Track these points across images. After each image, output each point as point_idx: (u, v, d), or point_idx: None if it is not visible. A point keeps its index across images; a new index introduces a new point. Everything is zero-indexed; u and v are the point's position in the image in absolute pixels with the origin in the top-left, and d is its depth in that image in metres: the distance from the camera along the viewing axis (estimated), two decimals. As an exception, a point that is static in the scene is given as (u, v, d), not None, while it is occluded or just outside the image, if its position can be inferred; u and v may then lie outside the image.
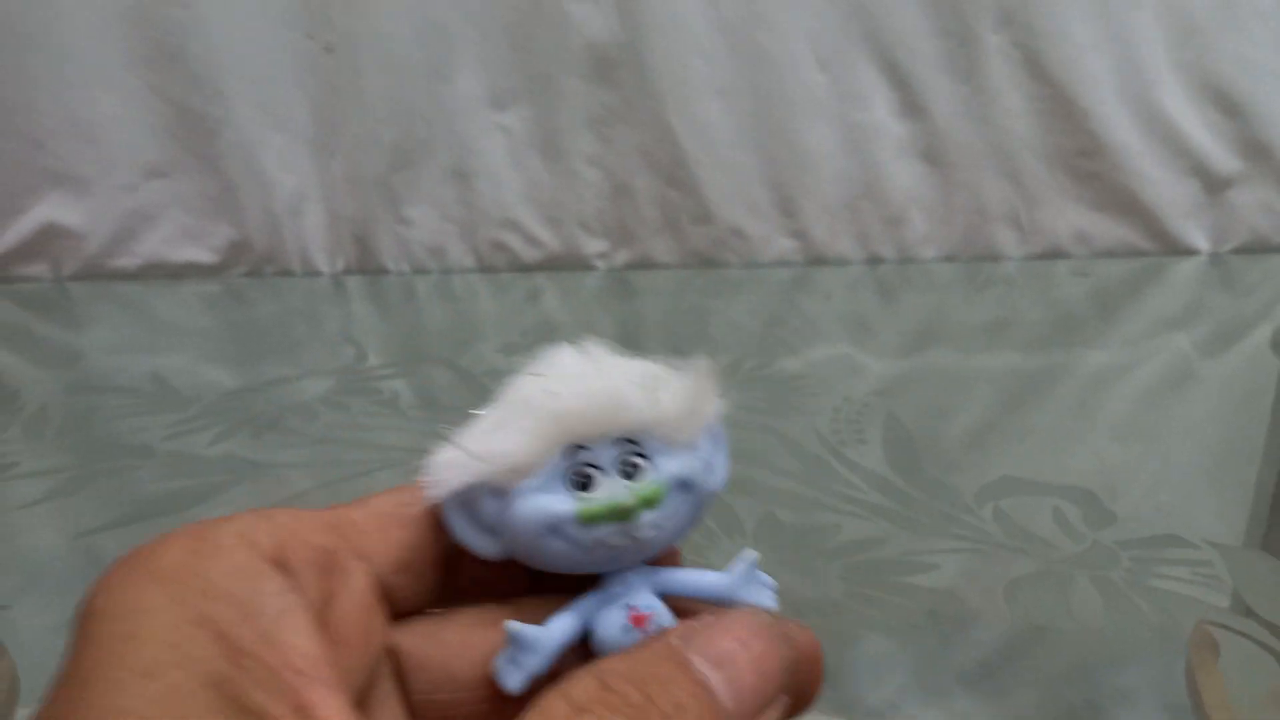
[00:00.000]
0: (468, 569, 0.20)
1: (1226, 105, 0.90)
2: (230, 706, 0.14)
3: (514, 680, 0.18)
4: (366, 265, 0.97)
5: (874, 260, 0.95)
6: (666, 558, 0.20)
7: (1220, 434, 0.63)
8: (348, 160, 0.95)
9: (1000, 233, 0.94)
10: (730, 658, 0.17)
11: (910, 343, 0.80)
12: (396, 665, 0.19)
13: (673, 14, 0.89)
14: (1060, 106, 0.91)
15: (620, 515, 0.18)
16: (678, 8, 0.89)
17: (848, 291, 0.93)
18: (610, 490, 0.19)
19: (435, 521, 0.19)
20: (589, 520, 0.18)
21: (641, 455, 0.19)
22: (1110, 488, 0.53)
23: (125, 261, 0.97)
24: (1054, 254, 0.94)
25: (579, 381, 0.19)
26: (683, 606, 0.20)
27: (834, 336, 0.82)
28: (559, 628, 0.19)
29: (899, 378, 0.72)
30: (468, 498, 0.19)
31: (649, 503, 0.19)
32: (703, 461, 0.20)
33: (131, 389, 0.71)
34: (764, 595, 0.20)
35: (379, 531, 0.19)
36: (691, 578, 0.20)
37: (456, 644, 0.19)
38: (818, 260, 0.95)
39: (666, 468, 0.19)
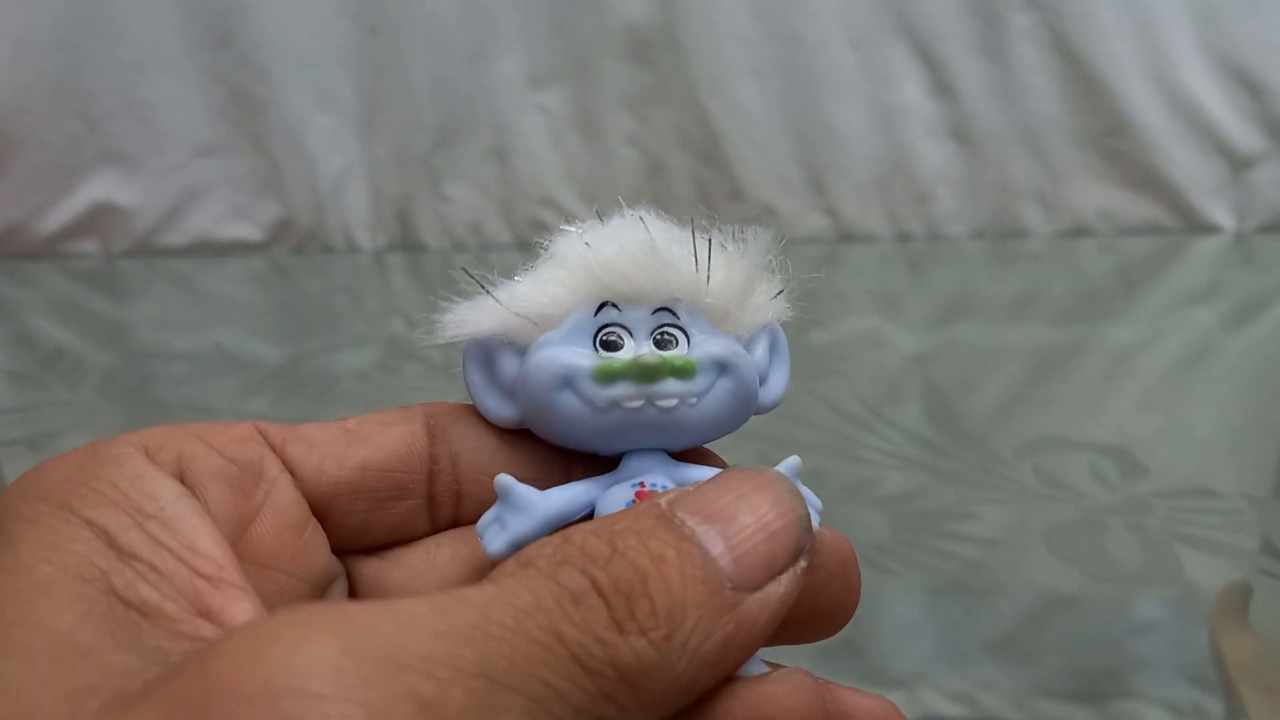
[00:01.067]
0: (455, 501, 0.18)
1: (1250, 85, 0.91)
2: (110, 600, 0.13)
3: (497, 543, 0.16)
4: (408, 241, 1.00)
5: (903, 237, 0.97)
6: (695, 455, 0.18)
7: (1245, 403, 0.65)
8: (391, 139, 0.97)
9: (1027, 210, 0.95)
10: (727, 513, 0.14)
11: (940, 317, 0.82)
12: (354, 592, 0.18)
13: (709, -3, 0.91)
14: (1086, 86, 0.92)
15: (643, 374, 0.16)
16: (714, -9, 0.91)
17: (878, 267, 0.95)
18: (637, 352, 0.16)
19: (414, 446, 0.17)
20: (605, 376, 0.16)
21: (681, 329, 0.17)
22: (1142, 448, 0.54)
23: (174, 238, 0.99)
24: (1080, 231, 0.96)
25: (619, 236, 0.17)
26: None
27: (865, 311, 0.84)
28: (559, 497, 0.17)
29: (929, 351, 0.74)
30: (487, 352, 0.17)
31: (678, 372, 0.16)
32: (755, 361, 0.18)
33: (190, 357, 0.74)
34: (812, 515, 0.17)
35: (329, 447, 0.17)
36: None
37: (419, 563, 0.18)
38: (848, 237, 0.97)
39: (705, 346, 0.17)
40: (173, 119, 0.95)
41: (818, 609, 0.17)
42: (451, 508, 0.18)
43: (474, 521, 0.17)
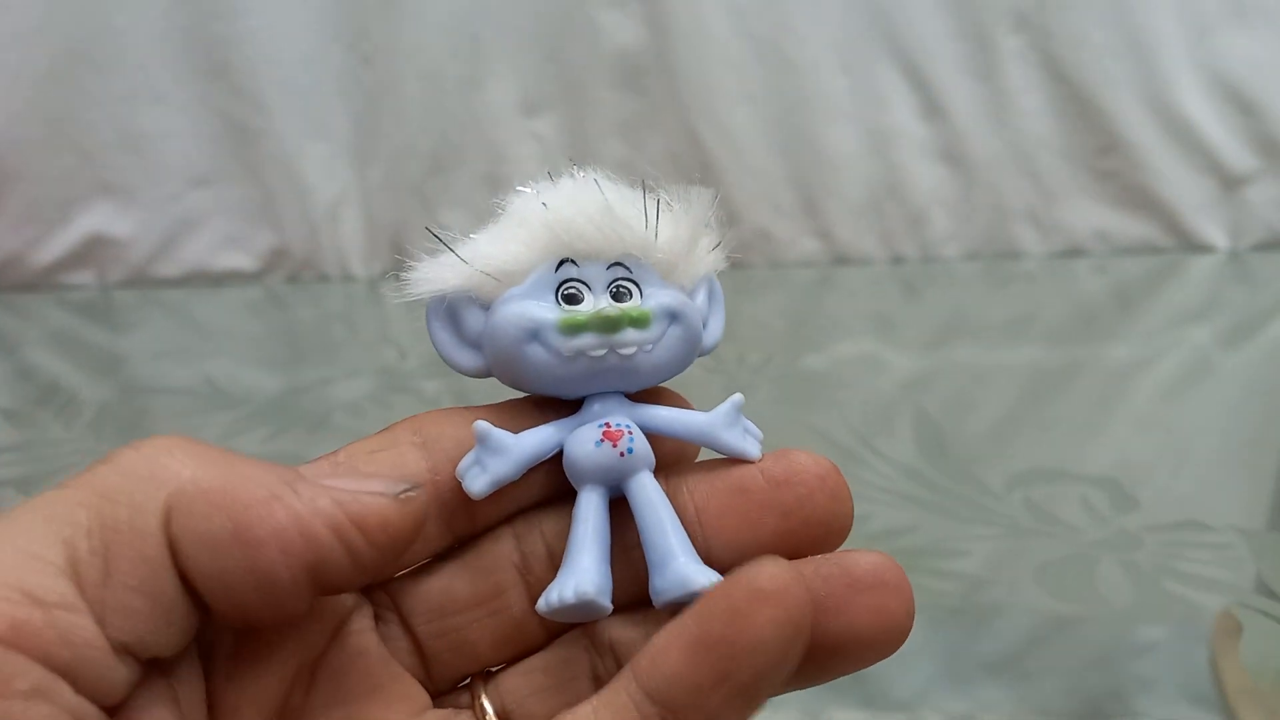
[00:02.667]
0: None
1: (1242, 104, 0.91)
2: None
3: (479, 483, 0.17)
4: (401, 269, 1.00)
5: (897, 259, 0.97)
6: (652, 395, 0.20)
7: (1240, 425, 0.64)
8: (384, 167, 0.97)
9: (1021, 230, 0.95)
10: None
11: (934, 339, 0.82)
12: (395, 605, 0.19)
13: (700, 23, 0.91)
14: (1078, 106, 0.92)
15: (604, 325, 0.18)
16: (704, 17, 0.91)
17: (872, 289, 0.95)
18: (596, 305, 0.18)
19: (404, 468, 0.18)
20: (570, 328, 0.17)
21: (634, 283, 0.19)
22: (1134, 477, 0.54)
23: (169, 268, 1.00)
24: (1074, 251, 0.96)
25: (575, 196, 0.19)
26: (663, 446, 0.19)
27: (859, 333, 0.84)
28: (531, 438, 0.18)
29: (924, 373, 0.74)
30: (452, 307, 0.19)
31: (635, 321, 0.18)
32: (698, 309, 0.19)
33: (184, 390, 0.74)
34: (748, 442, 0.19)
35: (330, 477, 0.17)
36: (673, 414, 0.19)
37: (451, 565, 0.19)
38: (842, 260, 0.97)
39: (657, 297, 0.18)
40: (167, 150, 0.96)
41: (809, 524, 0.18)
42: (464, 512, 0.18)
43: (492, 524, 0.18)
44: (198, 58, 0.94)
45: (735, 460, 0.19)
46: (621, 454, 0.18)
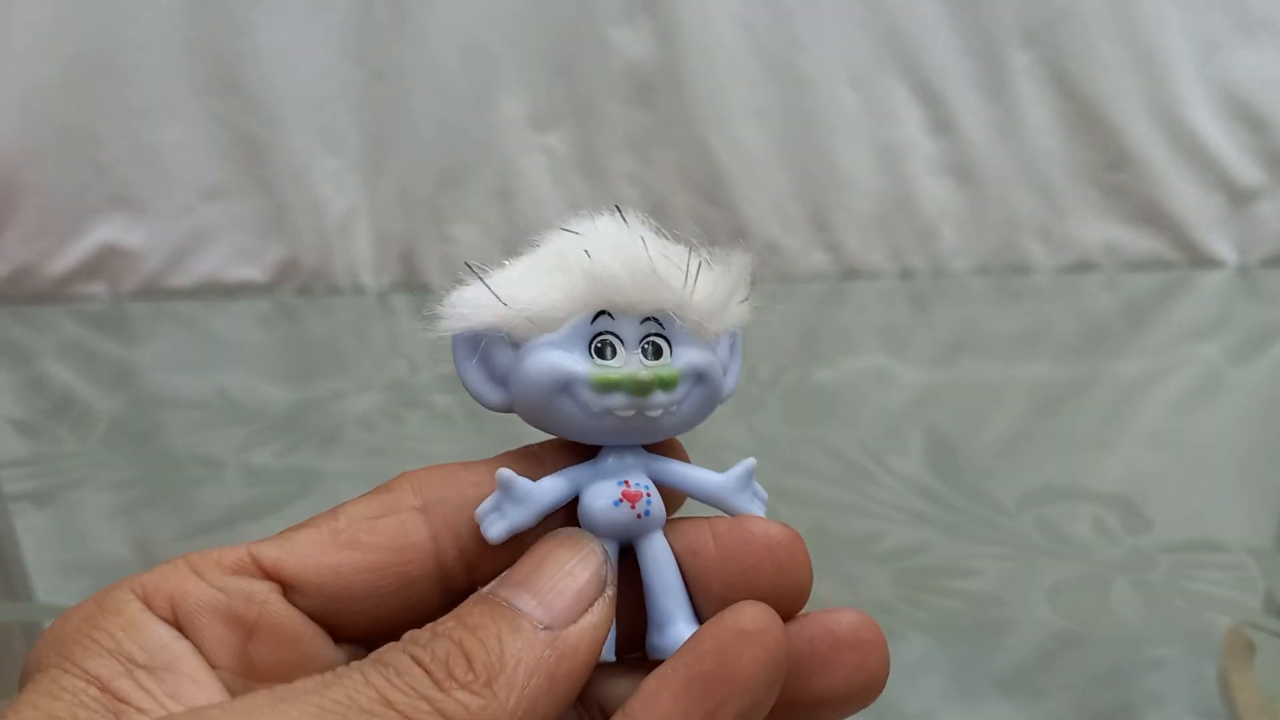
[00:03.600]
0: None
1: (1251, 119, 0.91)
2: None
3: (496, 529, 0.18)
4: (413, 282, 1.01)
5: (906, 273, 0.97)
6: (666, 448, 0.20)
7: (1251, 441, 0.64)
8: (395, 181, 0.98)
9: (1030, 245, 0.96)
10: (535, 573, 0.17)
11: (944, 353, 0.82)
12: None
13: (710, 38, 0.92)
14: (1087, 121, 0.92)
15: (635, 389, 0.18)
16: (715, 32, 0.92)
17: (881, 304, 0.95)
18: (628, 363, 0.18)
19: (406, 537, 0.18)
20: (603, 386, 0.18)
21: (665, 339, 0.19)
22: (1145, 494, 0.54)
23: (181, 280, 1.00)
24: (1084, 265, 0.96)
25: (619, 248, 0.18)
26: (672, 498, 0.19)
27: (869, 348, 0.84)
28: (550, 487, 0.18)
29: (935, 388, 0.74)
30: (482, 342, 0.19)
31: (665, 384, 0.18)
32: (720, 362, 0.19)
33: (196, 404, 0.74)
34: (754, 505, 0.19)
35: (320, 557, 0.18)
36: (688, 471, 0.19)
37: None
38: (851, 274, 0.98)
39: (686, 356, 0.18)
40: (179, 163, 0.96)
41: (754, 595, 0.18)
42: (464, 576, 0.19)
43: (486, 582, 0.18)
44: (211, 71, 0.94)
45: (698, 520, 0.19)
46: (639, 515, 0.18)
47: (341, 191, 0.98)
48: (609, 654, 0.18)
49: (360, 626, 0.18)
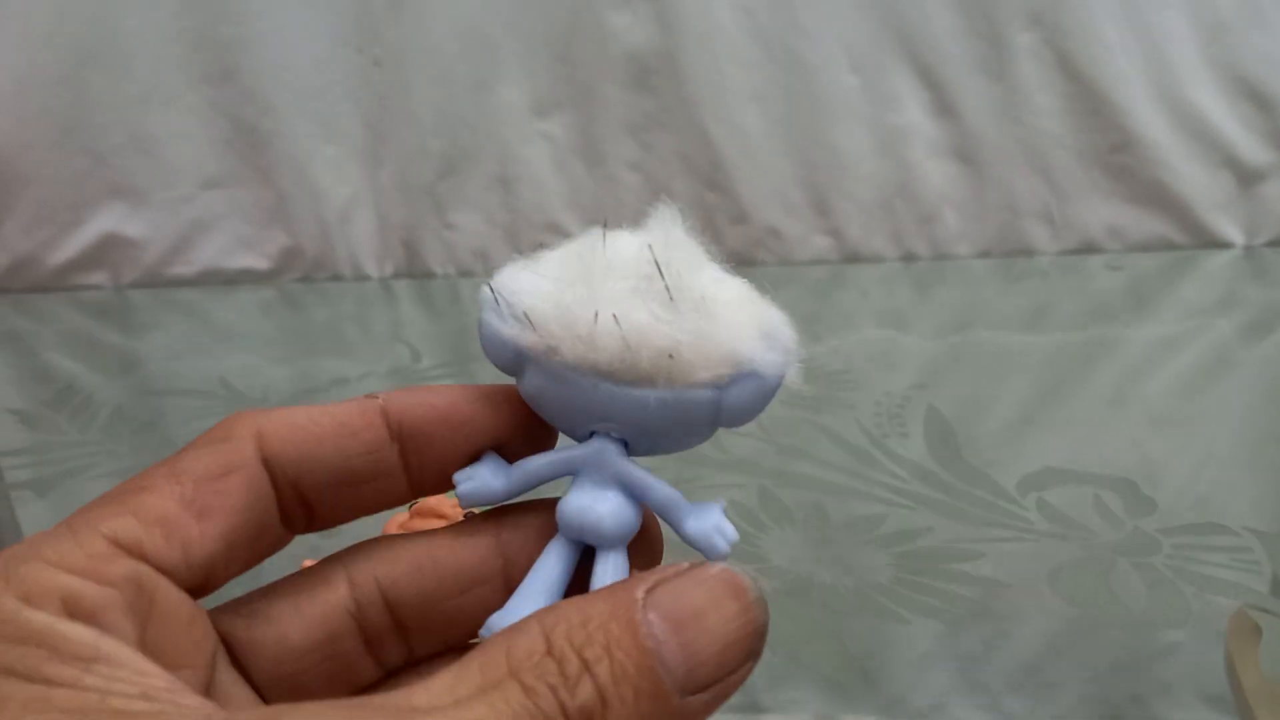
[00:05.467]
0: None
1: (1257, 99, 0.91)
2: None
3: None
4: (414, 269, 1.00)
5: (909, 257, 0.97)
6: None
7: (1256, 422, 0.64)
8: (396, 169, 0.98)
9: (1033, 228, 0.95)
10: (695, 619, 0.15)
11: (947, 337, 0.82)
12: (231, 654, 0.18)
13: (709, 23, 0.91)
14: (1091, 103, 0.92)
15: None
16: (714, 17, 0.91)
17: (883, 288, 0.94)
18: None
19: (226, 503, 0.17)
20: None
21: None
22: (1149, 476, 0.54)
23: (182, 269, 1.00)
24: (1087, 248, 0.95)
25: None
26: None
27: (871, 332, 0.84)
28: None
29: (937, 371, 0.74)
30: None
31: None
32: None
33: (198, 392, 0.74)
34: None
35: (178, 528, 0.17)
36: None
37: (286, 615, 0.19)
38: (853, 258, 0.97)
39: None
40: (179, 152, 0.96)
41: None
42: (303, 519, 0.19)
43: (322, 517, 0.19)
44: (208, 61, 0.94)
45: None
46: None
47: (342, 179, 0.97)
48: None
49: (214, 584, 0.18)
